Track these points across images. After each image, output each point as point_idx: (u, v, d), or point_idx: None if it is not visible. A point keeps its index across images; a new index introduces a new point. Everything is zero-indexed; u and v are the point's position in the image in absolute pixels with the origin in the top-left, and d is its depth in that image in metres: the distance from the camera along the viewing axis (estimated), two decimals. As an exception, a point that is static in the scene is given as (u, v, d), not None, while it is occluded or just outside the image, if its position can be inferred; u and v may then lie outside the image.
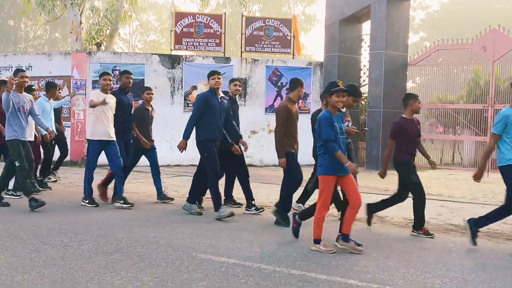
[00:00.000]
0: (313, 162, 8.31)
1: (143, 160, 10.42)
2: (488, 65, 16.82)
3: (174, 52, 17.89)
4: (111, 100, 9.70)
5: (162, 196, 10.40)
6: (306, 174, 8.85)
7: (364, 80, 18.70)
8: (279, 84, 17.69)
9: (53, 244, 6.85)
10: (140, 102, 11.07)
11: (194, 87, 16.94)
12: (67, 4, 21.21)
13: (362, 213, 8.44)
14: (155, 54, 17.95)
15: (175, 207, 9.81)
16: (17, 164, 8.88)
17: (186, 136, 8.86)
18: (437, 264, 6.43)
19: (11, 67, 17.68)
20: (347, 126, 7.86)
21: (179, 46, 17.89)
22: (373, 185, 12.71)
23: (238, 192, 9.83)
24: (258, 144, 17.43)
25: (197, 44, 17.97)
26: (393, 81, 17.13)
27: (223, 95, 9.23)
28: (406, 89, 18.32)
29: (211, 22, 18.17)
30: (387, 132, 16.56)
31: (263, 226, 8.40)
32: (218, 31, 18.09)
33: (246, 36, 18.29)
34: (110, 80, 9.85)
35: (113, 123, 9.72)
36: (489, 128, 16.36)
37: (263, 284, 5.44)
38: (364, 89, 18.54)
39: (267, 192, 11.61)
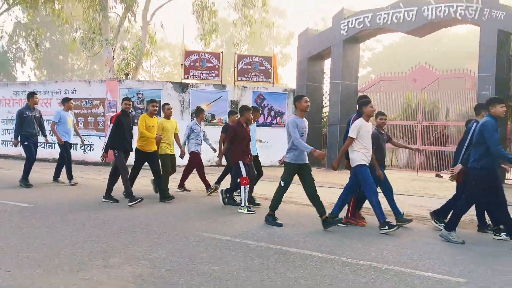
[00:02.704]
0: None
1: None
2: (418, 93, 16.96)
3: (183, 81, 17.88)
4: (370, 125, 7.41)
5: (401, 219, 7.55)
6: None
7: (325, 103, 18.75)
8: (262, 105, 17.73)
9: (90, 225, 6.82)
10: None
11: (199, 107, 16.91)
12: (103, 44, 21.23)
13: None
14: (169, 82, 17.91)
15: (189, 199, 9.78)
16: (282, 184, 7.30)
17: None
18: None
19: (60, 91, 17.63)
20: None
21: (188, 76, 17.92)
22: (338, 181, 12.73)
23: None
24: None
25: (201, 74, 18.00)
26: (347, 103, 17.22)
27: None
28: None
29: (212, 58, 18.22)
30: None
31: (252, 211, 8.37)
32: (216, 65, 18.13)
33: (238, 69, 18.34)
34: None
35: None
36: (418, 139, 16.50)
37: (249, 255, 5.44)
38: (326, 110, 18.62)
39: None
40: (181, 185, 10.67)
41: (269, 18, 27.19)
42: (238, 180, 8.54)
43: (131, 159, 9.23)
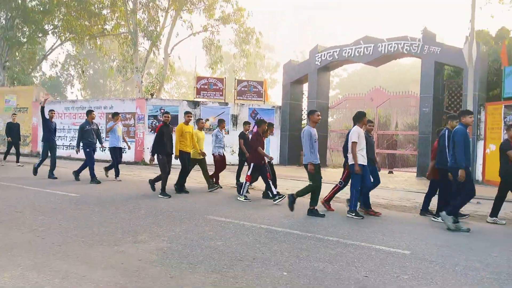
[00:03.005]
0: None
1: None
2: (374, 109, 17.03)
3: (195, 99, 17.86)
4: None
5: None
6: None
7: (304, 117, 18.79)
8: (255, 118, 17.74)
9: (123, 210, 6.79)
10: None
11: (207, 119, 16.90)
12: (134, 71, 21.22)
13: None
14: (185, 100, 17.89)
15: (201, 192, 9.72)
16: (311, 183, 6.93)
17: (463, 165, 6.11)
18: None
19: (101, 107, 17.60)
20: None
21: (199, 95, 17.90)
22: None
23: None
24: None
25: (209, 94, 17.98)
26: (321, 117, 17.24)
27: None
28: (328, 122, 18.48)
29: (217, 82, 18.20)
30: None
31: (248, 200, 8.37)
32: (221, 87, 18.13)
33: (237, 90, 18.33)
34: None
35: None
36: (375, 144, 16.50)
37: (245, 234, 5.42)
38: (304, 122, 18.66)
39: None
40: (216, 182, 10.01)
41: (261, 52, 27.32)
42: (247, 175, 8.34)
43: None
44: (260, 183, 9.64)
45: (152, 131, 16.68)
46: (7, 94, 20.99)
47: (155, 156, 8.57)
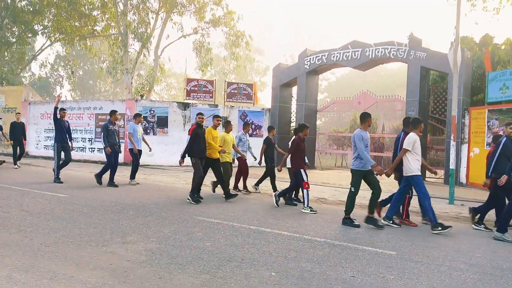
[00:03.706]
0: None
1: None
2: (361, 112, 17.14)
3: (185, 101, 17.78)
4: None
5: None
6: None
7: (293, 119, 18.84)
8: (245, 120, 17.74)
9: (112, 211, 6.72)
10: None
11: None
12: (124, 72, 21.07)
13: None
14: (175, 101, 17.78)
15: (187, 191, 9.66)
16: (352, 189, 6.38)
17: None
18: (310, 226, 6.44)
19: (90, 108, 17.41)
20: None
21: (189, 97, 17.81)
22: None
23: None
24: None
25: (199, 96, 17.91)
26: (309, 120, 17.28)
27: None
28: (317, 125, 18.55)
29: (207, 84, 18.15)
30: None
31: (236, 201, 8.34)
32: (211, 89, 18.08)
33: (227, 92, 18.31)
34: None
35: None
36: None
37: (234, 234, 5.41)
38: (293, 124, 18.71)
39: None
40: (236, 187, 9.71)
41: (251, 55, 27.37)
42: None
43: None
44: (247, 183, 9.63)
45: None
46: (-4, 94, 20.63)
47: (186, 159, 8.02)
